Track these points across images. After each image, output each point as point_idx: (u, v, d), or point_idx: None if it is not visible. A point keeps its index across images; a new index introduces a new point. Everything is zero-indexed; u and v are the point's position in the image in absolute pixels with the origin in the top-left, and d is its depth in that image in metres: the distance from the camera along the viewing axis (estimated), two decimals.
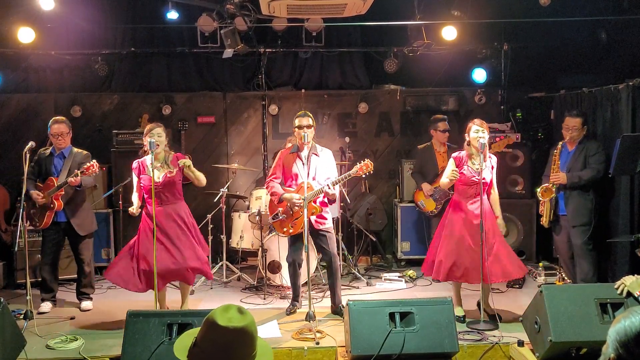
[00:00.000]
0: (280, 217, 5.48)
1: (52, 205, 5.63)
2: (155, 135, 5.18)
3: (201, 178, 5.34)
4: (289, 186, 5.55)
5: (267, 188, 5.66)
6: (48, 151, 5.81)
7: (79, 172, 5.43)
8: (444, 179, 5.39)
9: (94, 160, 5.46)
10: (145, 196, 5.30)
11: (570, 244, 5.71)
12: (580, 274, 5.61)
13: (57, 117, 5.87)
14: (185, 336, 2.34)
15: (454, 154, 5.43)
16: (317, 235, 5.48)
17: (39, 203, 5.62)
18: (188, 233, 5.32)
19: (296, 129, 5.46)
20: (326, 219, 5.50)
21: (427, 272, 5.55)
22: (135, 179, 5.40)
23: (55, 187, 5.60)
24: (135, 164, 5.37)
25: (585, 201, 5.59)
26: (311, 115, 5.53)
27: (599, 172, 5.50)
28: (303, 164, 5.31)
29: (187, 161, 5.19)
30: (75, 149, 5.87)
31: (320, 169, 5.44)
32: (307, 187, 5.13)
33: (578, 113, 5.66)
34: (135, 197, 5.41)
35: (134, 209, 5.34)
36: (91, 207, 6.23)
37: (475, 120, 5.34)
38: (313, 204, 5.31)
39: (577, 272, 5.67)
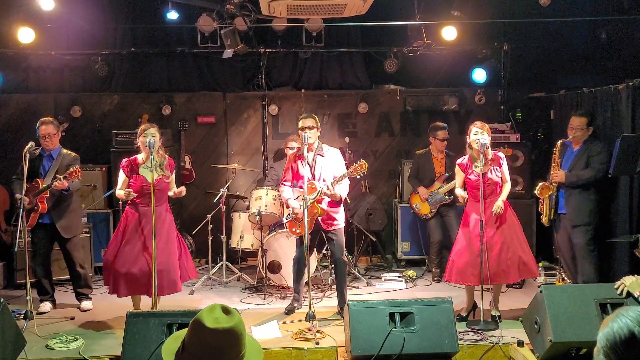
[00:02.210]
0: (291, 218, 5.58)
1: (36, 208, 5.52)
2: (150, 136, 5.14)
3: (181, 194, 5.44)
4: (301, 187, 5.58)
5: (279, 192, 5.77)
6: (37, 151, 5.68)
7: (61, 176, 5.31)
8: (460, 191, 5.38)
9: (77, 166, 5.36)
10: (135, 196, 5.16)
11: (572, 244, 5.69)
12: (582, 276, 5.58)
13: (44, 118, 5.76)
14: (172, 339, 2.29)
15: (458, 161, 5.44)
16: (326, 236, 5.54)
17: (26, 207, 5.45)
18: (169, 239, 5.23)
19: (299, 131, 5.49)
20: (335, 219, 5.52)
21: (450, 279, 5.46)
22: (122, 177, 5.26)
23: (39, 190, 5.50)
24: (125, 162, 5.26)
25: (585, 201, 5.55)
26: (315, 116, 5.55)
27: (598, 172, 5.46)
28: (306, 165, 5.36)
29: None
30: (65, 151, 5.78)
31: (326, 169, 5.48)
32: (312, 188, 5.24)
33: (583, 113, 5.66)
34: (120, 193, 5.20)
35: (126, 193, 5.11)
36: (80, 208, 6.14)
37: (476, 122, 5.34)
38: (317, 204, 5.35)
39: (579, 274, 5.65)
